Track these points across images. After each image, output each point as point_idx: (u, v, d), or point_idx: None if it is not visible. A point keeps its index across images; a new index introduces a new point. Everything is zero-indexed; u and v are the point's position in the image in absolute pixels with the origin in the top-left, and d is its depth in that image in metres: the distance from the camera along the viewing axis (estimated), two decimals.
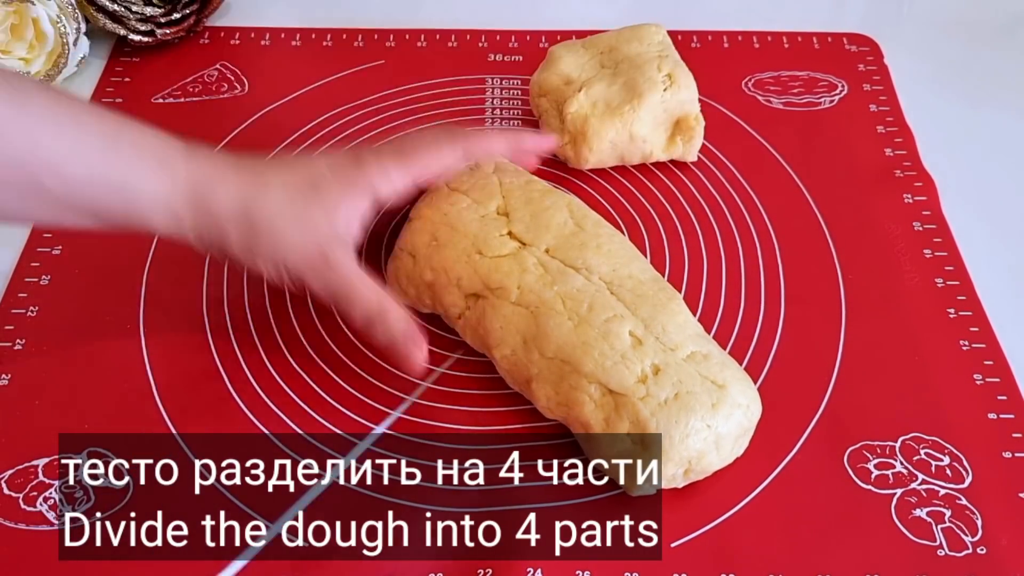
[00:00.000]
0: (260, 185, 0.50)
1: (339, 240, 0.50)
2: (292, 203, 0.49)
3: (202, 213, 0.49)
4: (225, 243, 0.50)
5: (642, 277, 0.52)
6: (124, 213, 0.48)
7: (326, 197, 0.50)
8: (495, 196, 0.55)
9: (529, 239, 0.53)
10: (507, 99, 0.73)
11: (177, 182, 0.48)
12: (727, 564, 0.47)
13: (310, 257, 0.50)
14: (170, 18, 0.74)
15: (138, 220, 0.49)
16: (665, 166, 0.68)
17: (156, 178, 0.48)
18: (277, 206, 0.49)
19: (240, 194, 0.49)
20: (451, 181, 0.56)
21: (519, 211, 0.54)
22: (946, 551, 0.48)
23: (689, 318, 0.52)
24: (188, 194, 0.48)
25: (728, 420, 0.48)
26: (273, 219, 0.49)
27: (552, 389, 0.50)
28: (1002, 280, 0.60)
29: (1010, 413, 0.53)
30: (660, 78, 0.64)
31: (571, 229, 0.54)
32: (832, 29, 0.79)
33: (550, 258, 0.53)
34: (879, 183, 0.66)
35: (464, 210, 0.55)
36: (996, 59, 0.77)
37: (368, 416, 0.53)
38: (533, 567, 0.47)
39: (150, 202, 0.48)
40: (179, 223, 0.49)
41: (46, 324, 0.57)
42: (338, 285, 0.50)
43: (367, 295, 0.50)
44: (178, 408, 0.53)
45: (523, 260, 0.52)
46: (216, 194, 0.49)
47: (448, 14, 0.80)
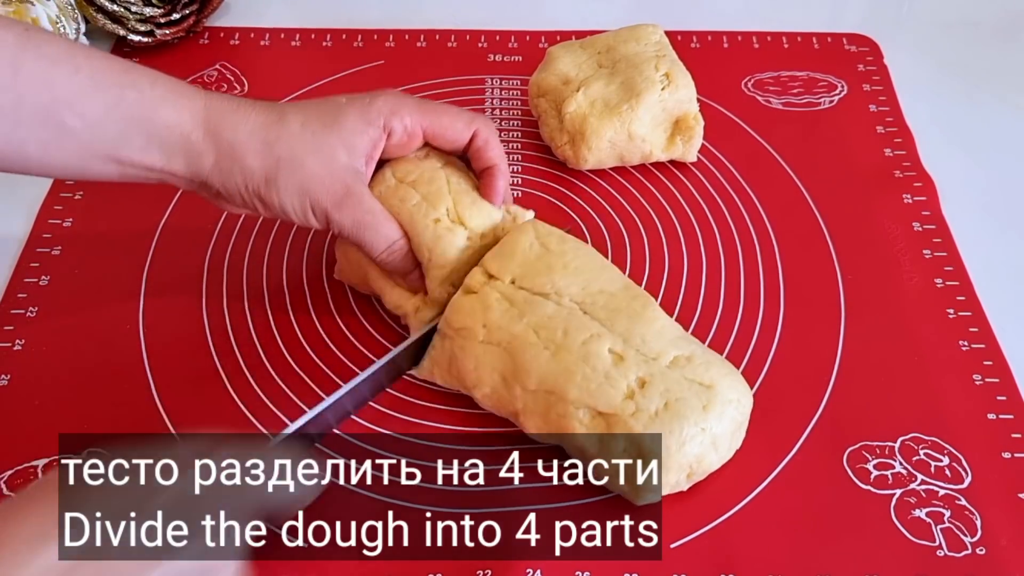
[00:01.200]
0: (279, 114, 0.50)
1: (356, 172, 0.51)
2: (312, 132, 0.50)
3: (222, 145, 0.49)
4: (247, 177, 0.49)
5: (613, 289, 0.51)
6: (144, 150, 0.48)
7: (344, 125, 0.50)
8: (444, 197, 0.53)
9: (495, 269, 0.52)
10: (506, 99, 0.73)
11: (195, 113, 0.48)
12: (727, 564, 0.47)
13: (334, 191, 0.50)
14: (170, 18, 0.74)
15: (158, 158, 0.48)
16: (664, 166, 0.68)
17: (174, 108, 0.48)
18: (297, 135, 0.49)
19: (260, 124, 0.49)
20: (397, 170, 0.54)
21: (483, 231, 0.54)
22: (945, 551, 0.48)
23: (666, 322, 0.51)
24: (207, 124, 0.48)
25: (721, 419, 0.48)
26: (293, 148, 0.49)
27: (541, 419, 0.49)
28: (1002, 280, 0.60)
29: (1010, 413, 0.53)
30: (658, 77, 0.64)
31: (537, 252, 0.52)
32: (832, 29, 0.79)
33: (516, 289, 0.51)
34: (879, 183, 0.66)
35: (414, 208, 0.53)
36: (996, 59, 0.77)
37: (367, 416, 0.53)
38: (533, 567, 0.47)
39: (168, 133, 0.48)
40: (199, 158, 0.49)
41: (46, 324, 0.57)
42: (365, 222, 0.51)
43: (390, 230, 0.52)
44: (178, 408, 0.53)
45: (486, 298, 0.51)
46: (236, 124, 0.49)
47: (448, 14, 0.80)
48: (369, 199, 0.51)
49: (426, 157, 0.55)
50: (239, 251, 0.61)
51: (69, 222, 0.63)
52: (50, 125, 0.46)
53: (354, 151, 0.51)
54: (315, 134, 0.50)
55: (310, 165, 0.49)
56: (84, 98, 0.46)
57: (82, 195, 0.64)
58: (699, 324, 0.58)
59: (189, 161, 0.49)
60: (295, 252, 0.62)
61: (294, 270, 0.61)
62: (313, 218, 0.51)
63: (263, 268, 0.60)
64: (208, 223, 0.63)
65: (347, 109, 0.51)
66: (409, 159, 0.55)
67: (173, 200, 0.64)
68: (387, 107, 0.51)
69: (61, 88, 0.46)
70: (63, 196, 0.64)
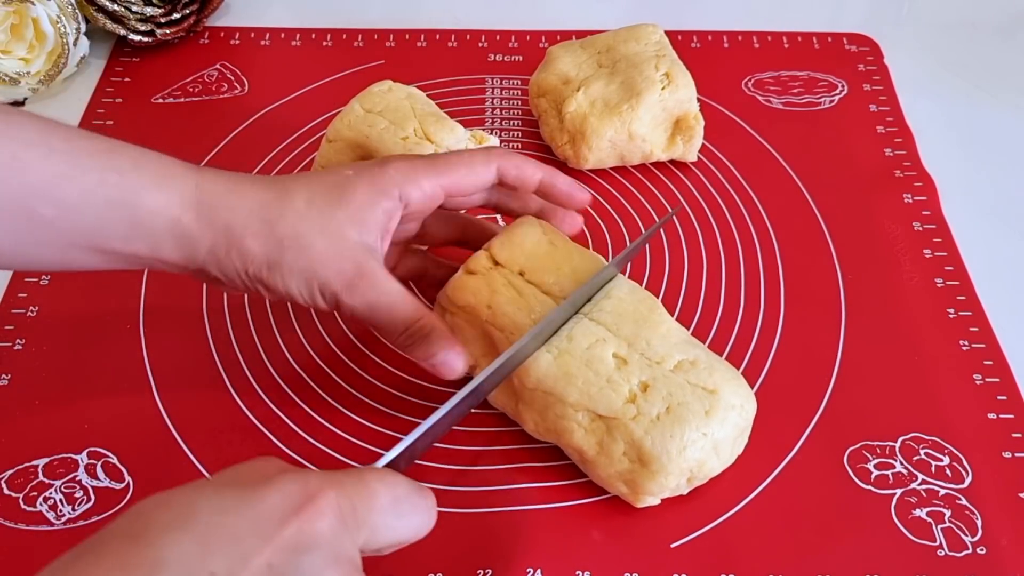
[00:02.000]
0: (280, 191, 0.46)
1: (369, 250, 0.46)
2: (318, 209, 0.45)
3: (217, 227, 0.44)
4: (247, 262, 0.45)
5: (620, 293, 0.51)
6: (127, 239, 0.43)
7: (352, 199, 0.46)
8: (410, 119, 0.57)
9: (503, 258, 0.51)
10: (507, 99, 0.73)
11: (185, 194, 0.44)
12: (727, 564, 0.47)
13: (345, 272, 0.45)
14: (170, 18, 0.74)
15: (144, 246, 0.44)
16: (665, 166, 0.68)
17: (160, 190, 0.43)
18: (302, 213, 0.45)
19: (260, 202, 0.45)
20: (364, 102, 0.58)
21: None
22: (946, 551, 0.48)
23: (672, 325, 0.50)
24: (200, 206, 0.44)
25: (724, 424, 0.47)
26: (297, 227, 0.45)
27: (538, 415, 0.49)
28: (1002, 280, 0.60)
29: (1010, 413, 0.53)
30: (658, 77, 0.64)
31: (545, 248, 0.52)
32: (832, 29, 0.79)
33: (525, 282, 0.50)
34: (879, 183, 0.66)
35: (383, 131, 0.56)
36: (996, 59, 0.77)
37: (366, 415, 0.53)
38: (533, 567, 0.47)
39: (155, 218, 0.43)
40: (191, 244, 0.44)
41: (46, 324, 0.57)
42: (379, 303, 0.46)
43: (410, 312, 0.47)
44: (178, 408, 0.53)
45: (492, 281, 0.50)
46: (232, 204, 0.44)
47: (448, 14, 0.80)
48: (384, 279, 0.46)
49: (389, 91, 0.60)
50: None
51: None
52: (21, 216, 0.41)
53: (365, 226, 0.46)
54: (321, 210, 0.45)
55: (318, 245, 0.45)
56: (59, 184, 0.41)
57: None
58: (699, 324, 0.58)
59: (180, 248, 0.44)
60: None
61: None
62: (322, 301, 0.46)
63: None
64: None
65: (355, 181, 0.47)
66: (374, 92, 0.59)
67: None
68: (399, 174, 0.47)
69: (34, 174, 0.41)
70: None
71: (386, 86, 0.60)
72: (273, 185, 0.46)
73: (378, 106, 0.59)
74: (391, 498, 0.37)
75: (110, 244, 0.44)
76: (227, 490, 0.34)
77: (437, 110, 0.60)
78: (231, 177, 0.46)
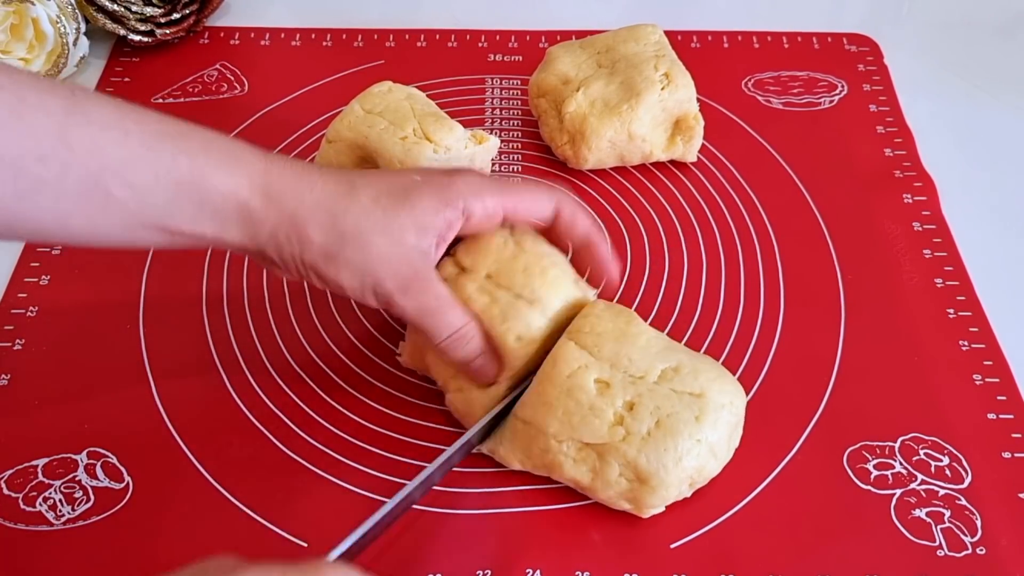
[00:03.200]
0: (347, 186, 0.46)
1: (425, 254, 0.47)
2: (383, 208, 0.46)
3: (282, 214, 0.45)
4: (306, 250, 0.45)
5: (597, 311, 0.49)
6: (195, 219, 0.44)
7: (416, 204, 0.46)
8: (410, 119, 0.57)
9: (468, 263, 0.50)
10: (506, 99, 0.73)
11: (254, 178, 0.45)
12: (727, 564, 0.47)
13: (401, 273, 0.46)
14: (170, 18, 0.74)
15: (210, 228, 0.45)
16: (665, 166, 0.68)
17: (230, 174, 0.44)
18: (367, 210, 0.46)
19: (327, 193, 0.46)
20: (365, 103, 0.59)
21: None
22: (946, 551, 0.48)
23: (651, 335, 0.49)
24: (266, 192, 0.45)
25: (716, 426, 0.47)
26: (360, 223, 0.45)
27: (523, 453, 0.48)
28: (1002, 280, 0.60)
29: (1010, 413, 0.53)
30: (657, 77, 0.64)
31: (512, 250, 0.50)
32: (832, 29, 0.79)
33: (495, 286, 0.49)
34: (879, 183, 0.66)
35: (382, 132, 0.56)
36: (996, 59, 0.77)
37: (366, 415, 0.53)
38: (533, 568, 0.47)
39: (223, 201, 0.44)
40: (255, 227, 0.45)
41: (46, 324, 0.57)
42: (430, 308, 0.47)
43: (456, 321, 0.47)
44: (178, 409, 0.53)
45: (462, 289, 0.49)
46: (298, 193, 0.45)
47: (448, 14, 0.80)
48: (436, 284, 0.47)
49: (389, 92, 0.60)
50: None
51: None
52: (96, 196, 0.42)
53: (424, 232, 0.46)
54: (386, 210, 0.46)
55: (377, 244, 0.45)
56: (133, 166, 0.43)
57: None
58: (699, 324, 0.58)
59: (245, 229, 0.45)
60: None
61: None
62: (373, 298, 0.47)
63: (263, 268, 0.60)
64: None
65: (422, 187, 0.47)
66: (374, 93, 0.60)
67: None
68: (468, 189, 0.47)
69: (110, 156, 0.42)
70: None
71: (386, 87, 0.61)
72: (342, 178, 0.47)
73: (378, 107, 0.59)
74: None
75: (177, 224, 0.44)
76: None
77: (437, 110, 0.60)
78: (299, 165, 0.46)
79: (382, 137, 0.57)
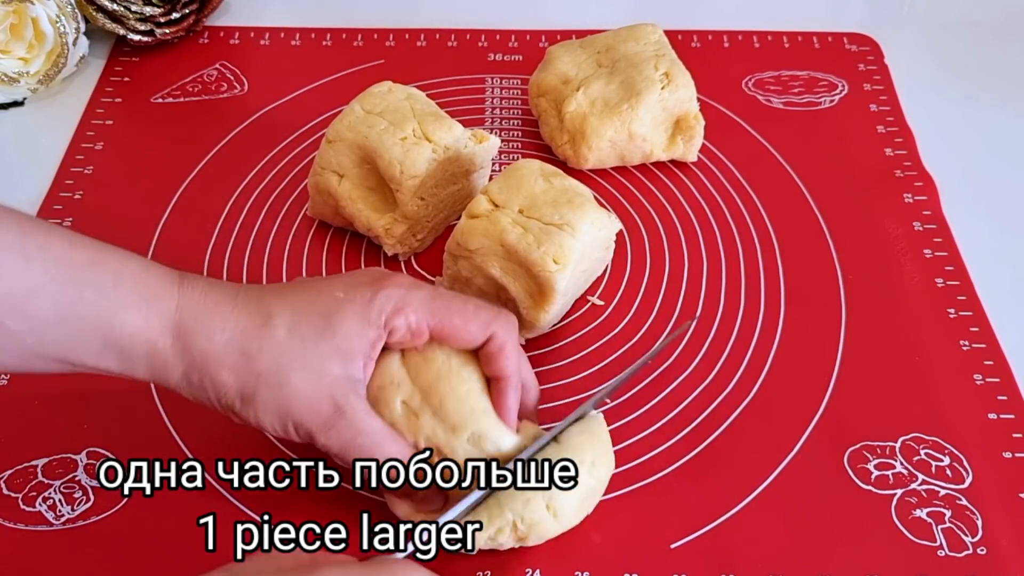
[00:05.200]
0: (263, 318, 0.43)
1: (352, 382, 0.44)
2: (300, 339, 0.43)
3: (191, 356, 0.42)
4: (220, 394, 0.43)
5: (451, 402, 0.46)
6: (100, 356, 0.42)
7: (338, 329, 0.43)
8: (409, 120, 0.58)
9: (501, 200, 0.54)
10: (506, 99, 0.73)
11: (165, 316, 0.42)
12: (727, 564, 0.47)
13: (322, 411, 0.43)
14: (169, 18, 0.74)
15: (116, 365, 0.43)
16: (665, 166, 0.68)
17: (138, 312, 0.42)
18: (282, 344, 0.43)
19: (240, 330, 0.43)
20: (364, 104, 0.59)
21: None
22: (946, 551, 0.48)
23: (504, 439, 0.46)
24: (177, 330, 0.42)
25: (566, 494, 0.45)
26: (277, 360, 0.43)
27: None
28: (1002, 280, 0.60)
29: (1010, 413, 0.53)
30: (657, 77, 0.64)
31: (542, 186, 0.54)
32: (832, 29, 0.79)
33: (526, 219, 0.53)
34: (879, 183, 0.66)
35: (383, 132, 0.57)
36: (996, 59, 0.77)
37: None
38: (532, 568, 0.47)
39: (130, 341, 0.42)
40: (166, 371, 0.43)
41: None
42: (358, 444, 0.44)
43: (392, 450, 0.44)
44: (178, 408, 0.53)
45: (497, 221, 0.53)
46: (211, 330, 0.42)
47: (448, 14, 0.80)
48: (364, 418, 0.44)
49: (389, 92, 0.60)
50: (239, 250, 0.61)
51: (69, 221, 0.63)
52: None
53: (350, 358, 0.44)
54: (304, 341, 0.43)
55: (295, 382, 0.43)
56: (31, 301, 0.40)
57: (82, 195, 0.64)
58: (700, 324, 0.58)
59: (155, 372, 0.43)
60: (295, 253, 0.62)
61: (294, 269, 0.61)
62: (296, 436, 0.44)
63: (263, 267, 0.60)
64: (208, 222, 0.63)
65: (344, 308, 0.44)
66: (374, 93, 0.60)
67: (173, 200, 0.64)
68: (390, 304, 0.44)
69: (7, 286, 0.39)
70: (63, 196, 0.64)
71: (386, 87, 0.61)
72: (257, 309, 0.44)
73: (378, 107, 0.59)
74: None
75: (80, 359, 0.42)
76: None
77: (437, 109, 0.60)
78: (214, 295, 0.44)
79: (382, 137, 0.57)
